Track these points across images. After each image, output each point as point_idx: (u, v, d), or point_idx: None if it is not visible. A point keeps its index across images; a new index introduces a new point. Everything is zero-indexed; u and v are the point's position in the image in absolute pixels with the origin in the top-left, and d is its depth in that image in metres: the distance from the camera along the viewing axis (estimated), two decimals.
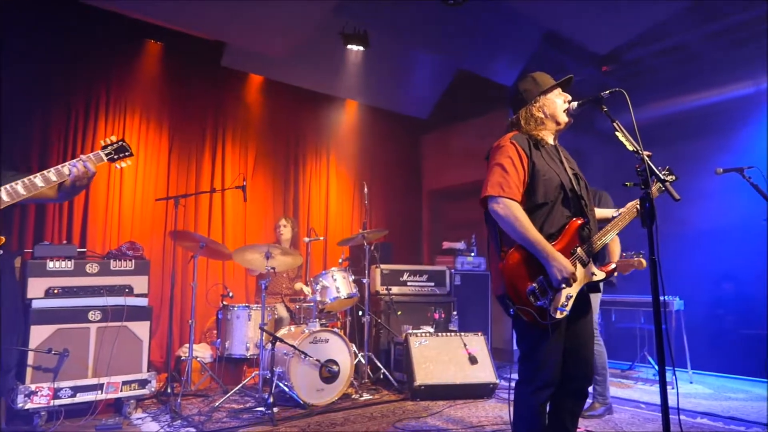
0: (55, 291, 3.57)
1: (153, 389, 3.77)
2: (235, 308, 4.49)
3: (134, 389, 3.67)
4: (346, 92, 6.84)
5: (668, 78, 6.40)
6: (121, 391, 3.62)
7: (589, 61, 6.03)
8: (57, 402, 3.36)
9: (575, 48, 5.77)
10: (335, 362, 4.11)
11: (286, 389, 3.93)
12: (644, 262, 2.57)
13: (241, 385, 4.12)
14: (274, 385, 3.80)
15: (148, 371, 3.78)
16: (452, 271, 5.90)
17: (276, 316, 4.86)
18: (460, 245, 6.32)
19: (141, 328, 3.80)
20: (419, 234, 8.15)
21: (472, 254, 6.26)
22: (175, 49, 5.73)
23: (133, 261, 3.88)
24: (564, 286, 2.14)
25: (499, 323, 6.13)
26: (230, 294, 4.59)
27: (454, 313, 5.44)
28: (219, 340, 4.50)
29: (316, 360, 4.00)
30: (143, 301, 3.86)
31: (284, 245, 5.29)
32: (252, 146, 6.45)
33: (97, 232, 5.20)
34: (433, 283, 5.65)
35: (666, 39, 5.72)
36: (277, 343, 3.97)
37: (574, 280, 2.15)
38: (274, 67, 6.14)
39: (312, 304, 4.43)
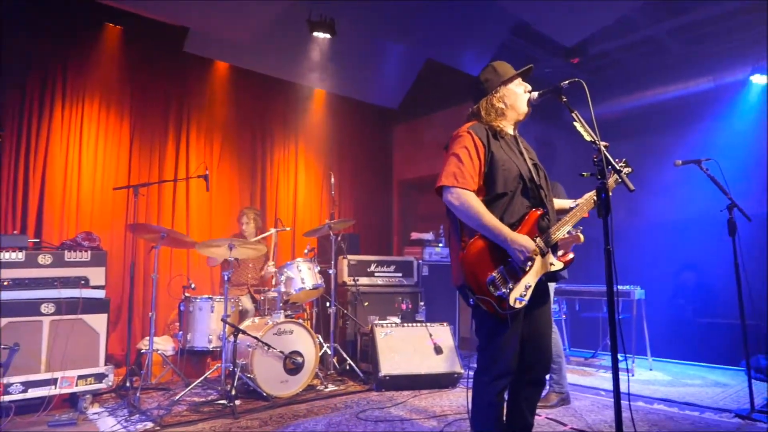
0: (5, 283, 3.42)
1: (110, 383, 3.67)
2: (198, 300, 4.40)
3: (90, 383, 3.56)
4: (314, 81, 6.76)
5: (633, 72, 6.51)
6: (76, 385, 3.50)
7: (557, 53, 6.08)
8: (7, 398, 3.23)
9: (543, 40, 5.81)
10: (300, 354, 4.07)
11: (249, 381, 3.88)
12: (581, 236, 2.60)
13: (203, 377, 4.03)
14: (236, 377, 3.75)
15: (106, 365, 3.67)
16: (420, 261, 5.91)
17: (240, 308, 4.79)
18: (428, 236, 6.33)
19: (98, 321, 3.68)
20: (389, 225, 8.14)
21: (440, 245, 6.28)
22: (135, 33, 5.55)
23: (89, 252, 3.75)
24: (529, 264, 2.14)
25: (466, 313, 6.17)
26: (192, 285, 4.49)
27: (422, 303, 5.45)
28: (181, 332, 4.41)
29: (280, 352, 3.96)
30: (100, 293, 3.73)
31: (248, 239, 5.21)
32: (217, 135, 6.33)
33: (53, 222, 5.03)
34: (400, 274, 5.64)
35: (630, 33, 5.80)
36: (240, 335, 3.91)
37: (537, 255, 2.16)
38: (239, 54, 6.02)
39: (277, 295, 4.37)
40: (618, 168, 2.21)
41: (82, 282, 3.68)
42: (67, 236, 4.89)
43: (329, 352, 4.69)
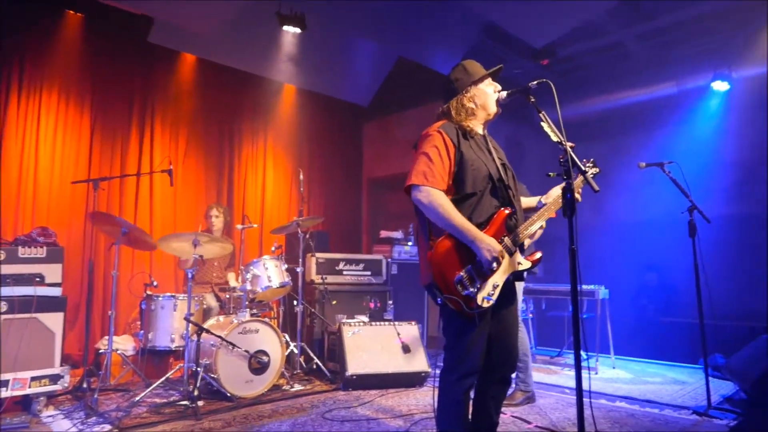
0: None
1: (66, 385, 3.52)
2: (160, 298, 4.28)
3: (44, 385, 3.41)
4: (283, 76, 6.65)
5: (600, 75, 6.62)
6: (29, 387, 3.35)
7: (526, 54, 6.13)
8: None
9: (513, 41, 5.85)
10: (265, 353, 4.00)
11: (213, 382, 3.79)
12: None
13: (164, 378, 3.91)
14: (199, 377, 3.66)
15: (62, 365, 3.53)
16: (389, 260, 5.88)
17: (204, 306, 4.68)
18: (397, 234, 6.31)
19: (53, 320, 3.53)
20: (359, 223, 8.10)
21: (410, 243, 6.26)
22: (97, 21, 5.35)
23: (45, 248, 3.60)
24: (495, 265, 2.13)
25: (434, 312, 6.18)
26: (155, 283, 4.36)
27: (390, 302, 5.43)
28: (142, 331, 4.28)
29: (245, 351, 3.88)
30: (56, 291, 3.59)
31: (216, 234, 5.10)
32: (183, 129, 6.17)
33: (7, 217, 4.81)
34: (369, 273, 5.61)
35: (598, 38, 5.89)
36: (204, 334, 3.82)
37: (503, 257, 2.16)
38: (207, 46, 5.88)
39: (242, 293, 4.29)
40: (584, 169, 2.23)
41: (37, 279, 3.53)
42: (22, 231, 4.67)
43: (296, 351, 4.63)
